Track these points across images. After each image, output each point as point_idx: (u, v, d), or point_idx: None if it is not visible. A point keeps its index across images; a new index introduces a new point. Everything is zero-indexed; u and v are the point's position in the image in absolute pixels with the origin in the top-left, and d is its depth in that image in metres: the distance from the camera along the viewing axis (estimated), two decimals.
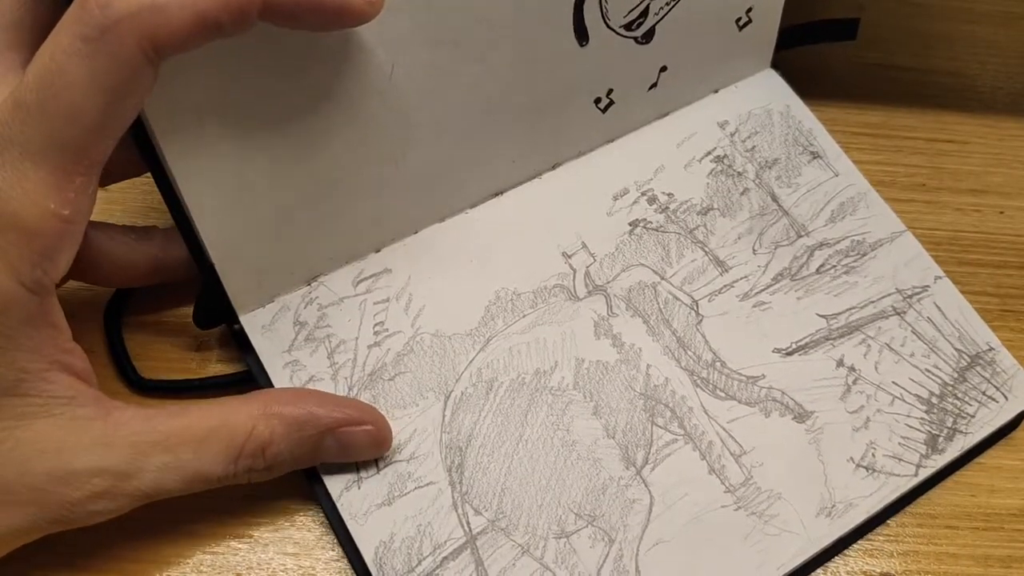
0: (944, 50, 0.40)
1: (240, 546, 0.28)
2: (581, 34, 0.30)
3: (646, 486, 0.28)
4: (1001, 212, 0.35)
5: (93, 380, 0.24)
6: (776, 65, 0.36)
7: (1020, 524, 0.29)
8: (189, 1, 0.21)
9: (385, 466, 0.28)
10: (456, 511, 0.27)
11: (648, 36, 0.31)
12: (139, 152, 0.26)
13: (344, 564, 0.27)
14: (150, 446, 0.24)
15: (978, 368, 0.31)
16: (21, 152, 0.21)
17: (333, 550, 0.28)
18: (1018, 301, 0.33)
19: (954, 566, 0.29)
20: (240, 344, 0.29)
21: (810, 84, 0.35)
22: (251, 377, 0.29)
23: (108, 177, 0.26)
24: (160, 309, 0.31)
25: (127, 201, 0.33)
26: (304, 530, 0.28)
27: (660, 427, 0.29)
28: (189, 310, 0.31)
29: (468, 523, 0.27)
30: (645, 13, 0.31)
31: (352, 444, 0.27)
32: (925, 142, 0.37)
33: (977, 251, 0.34)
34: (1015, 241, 0.35)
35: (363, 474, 0.27)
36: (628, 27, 0.31)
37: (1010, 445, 0.30)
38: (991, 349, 0.31)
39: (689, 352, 0.30)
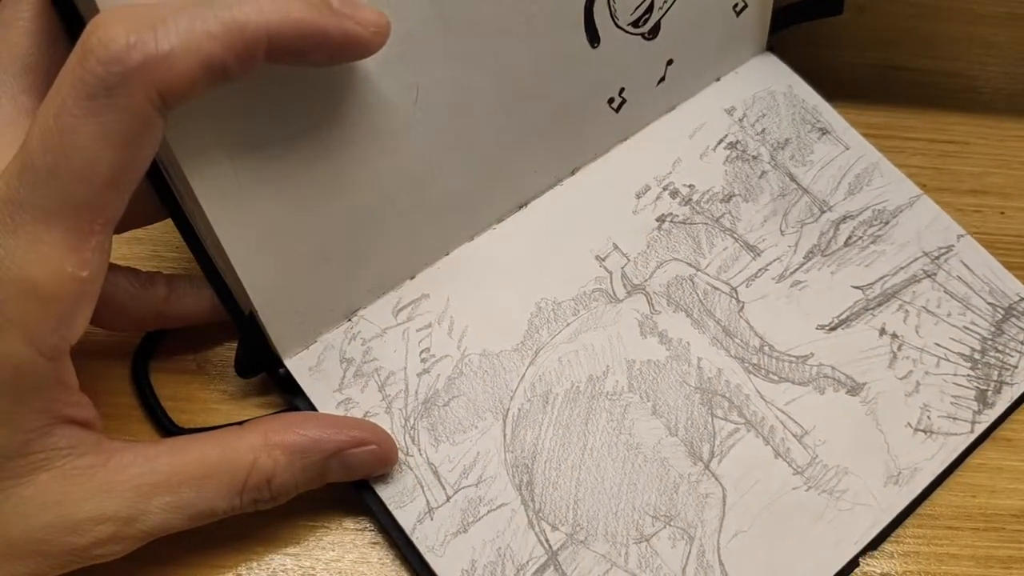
0: (945, 51, 0.40)
1: (239, 545, 0.27)
2: (593, 36, 0.29)
3: (716, 479, 0.28)
4: (1002, 213, 0.35)
5: (98, 425, 0.24)
6: (773, 49, 0.36)
7: (1021, 525, 0.29)
8: (194, 47, 0.20)
9: (454, 493, 0.27)
10: (533, 529, 0.27)
11: (654, 31, 0.31)
12: (162, 203, 0.25)
13: (344, 564, 0.27)
14: (152, 487, 0.24)
15: (1013, 319, 0.32)
16: (34, 216, 0.21)
17: (334, 550, 0.27)
18: None
19: (955, 567, 0.28)
20: (283, 387, 0.29)
21: (811, 85, 0.36)
22: None
23: (118, 228, 0.26)
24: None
25: None
26: (304, 530, 0.28)
27: (720, 418, 0.29)
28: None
29: (547, 539, 0.27)
30: (650, 8, 0.31)
31: (357, 464, 0.26)
32: (926, 143, 0.37)
33: None
34: (1016, 242, 0.35)
35: (433, 504, 0.27)
36: (635, 24, 0.31)
37: (1011, 446, 0.30)
38: (1022, 299, 0.32)
39: (736, 340, 0.30)
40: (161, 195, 0.25)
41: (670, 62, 0.33)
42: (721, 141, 0.34)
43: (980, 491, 0.30)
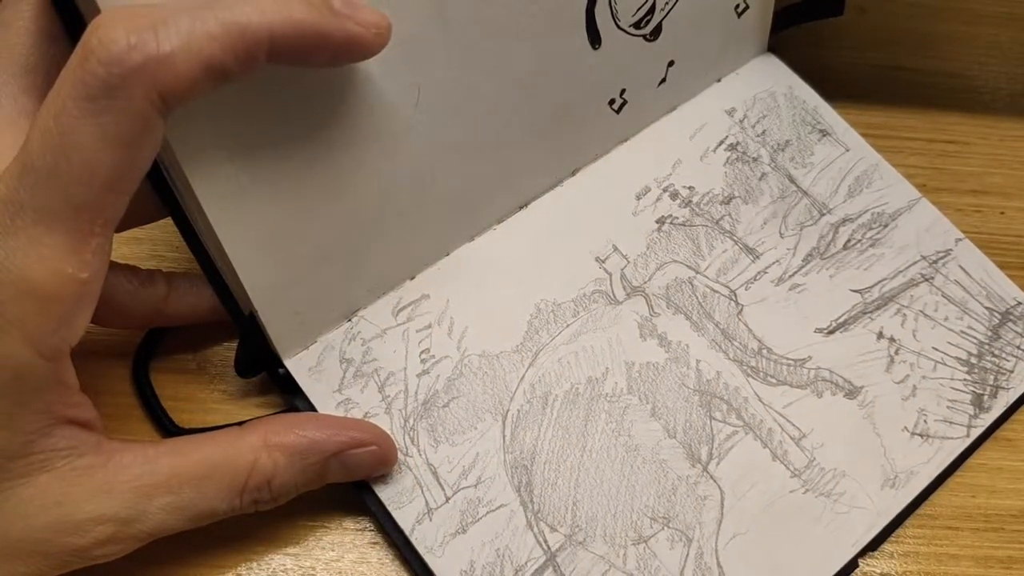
0: (945, 51, 0.40)
1: (239, 545, 0.27)
2: (594, 37, 0.29)
3: (714, 481, 0.28)
4: (1002, 213, 0.35)
5: (98, 425, 0.24)
6: (773, 49, 0.36)
7: (1020, 525, 0.29)
8: (195, 49, 0.20)
9: (454, 493, 0.27)
10: (532, 530, 0.27)
11: (656, 33, 0.31)
12: (162, 203, 0.25)
13: (343, 564, 0.27)
14: (153, 488, 0.24)
15: (1010, 323, 0.32)
16: (34, 217, 0.21)
17: (333, 550, 0.28)
18: None
19: (954, 567, 0.28)
20: (283, 388, 0.29)
21: (812, 86, 0.36)
22: None
23: (118, 227, 0.26)
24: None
25: None
26: (304, 530, 0.28)
27: (719, 421, 0.29)
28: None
29: (545, 541, 0.27)
30: (652, 9, 0.31)
31: (357, 465, 0.26)
32: (926, 143, 0.37)
33: None
34: (1016, 242, 0.35)
35: (432, 504, 0.27)
36: (637, 25, 0.31)
37: (1011, 446, 0.31)
38: (1019, 304, 0.32)
39: (735, 343, 0.30)
40: (161, 195, 0.25)
41: (671, 63, 0.33)
42: (721, 143, 0.34)
43: (980, 491, 0.30)
